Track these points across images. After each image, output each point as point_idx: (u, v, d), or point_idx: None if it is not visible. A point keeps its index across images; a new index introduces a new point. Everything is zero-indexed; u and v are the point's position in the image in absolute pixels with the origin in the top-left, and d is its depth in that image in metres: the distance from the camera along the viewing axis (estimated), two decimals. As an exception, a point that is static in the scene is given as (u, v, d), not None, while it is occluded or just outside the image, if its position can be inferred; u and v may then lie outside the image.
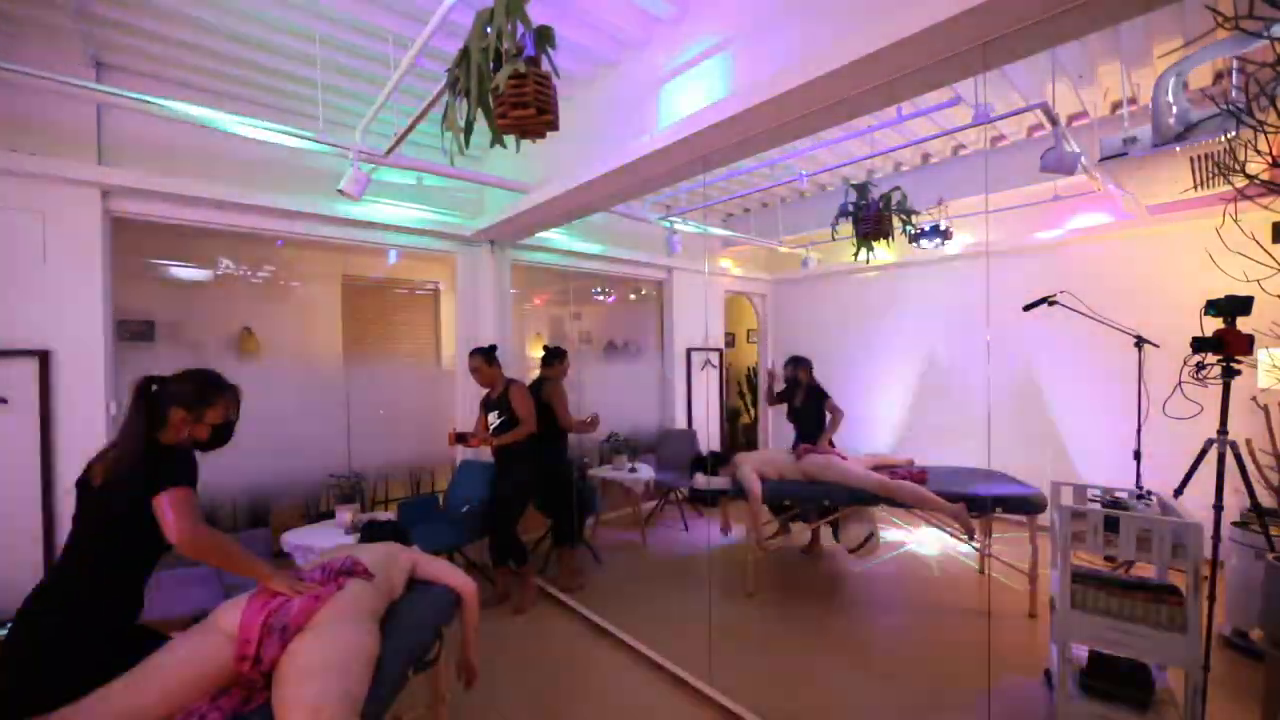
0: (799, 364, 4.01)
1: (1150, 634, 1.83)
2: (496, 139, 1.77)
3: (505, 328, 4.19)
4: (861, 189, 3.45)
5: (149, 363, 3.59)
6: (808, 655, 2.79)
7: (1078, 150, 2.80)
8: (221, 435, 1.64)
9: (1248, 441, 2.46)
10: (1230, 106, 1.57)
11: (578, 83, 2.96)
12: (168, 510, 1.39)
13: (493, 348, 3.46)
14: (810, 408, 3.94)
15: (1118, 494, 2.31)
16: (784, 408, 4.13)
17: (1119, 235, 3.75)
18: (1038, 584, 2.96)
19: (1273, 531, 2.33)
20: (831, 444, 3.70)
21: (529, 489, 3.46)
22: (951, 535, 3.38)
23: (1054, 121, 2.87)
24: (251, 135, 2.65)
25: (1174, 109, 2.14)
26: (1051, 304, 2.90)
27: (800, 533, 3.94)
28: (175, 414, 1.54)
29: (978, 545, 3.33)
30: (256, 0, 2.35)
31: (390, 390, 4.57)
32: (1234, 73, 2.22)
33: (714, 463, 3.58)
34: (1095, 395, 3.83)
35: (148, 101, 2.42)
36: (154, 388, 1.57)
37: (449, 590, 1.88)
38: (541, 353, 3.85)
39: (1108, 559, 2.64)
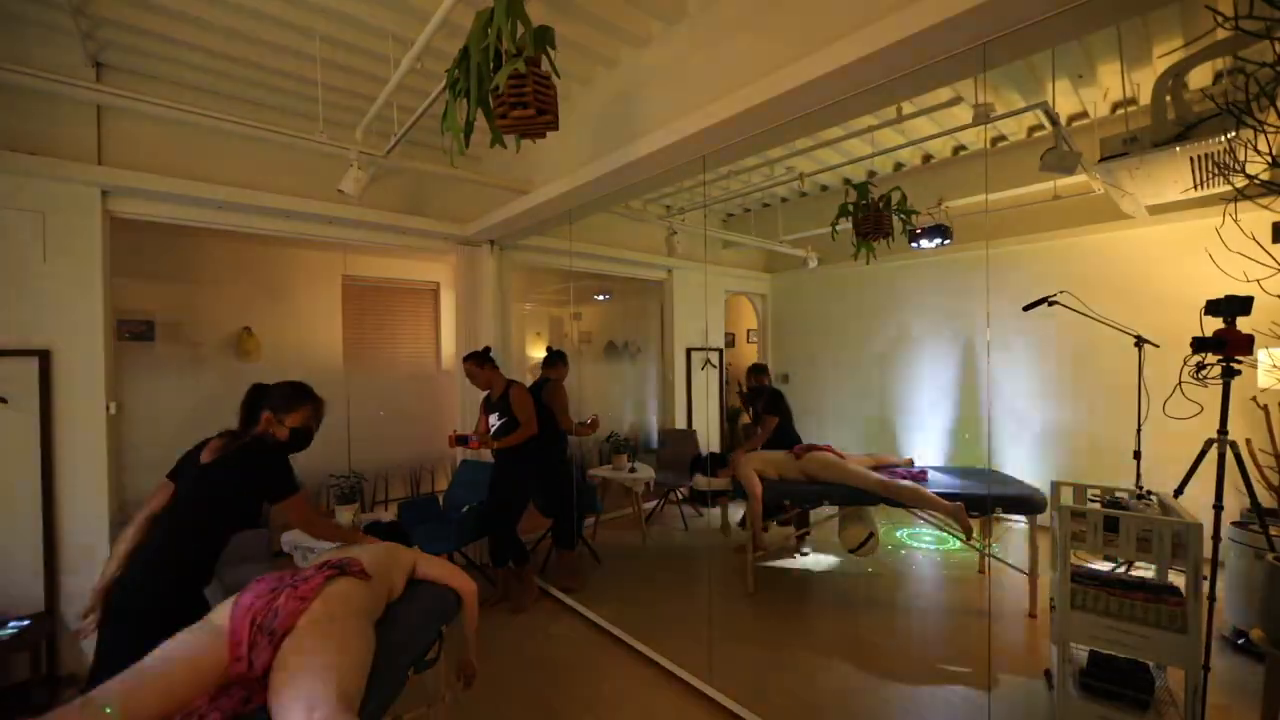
0: (763, 371, 4.22)
1: (1150, 634, 1.83)
2: (496, 139, 1.77)
3: (505, 328, 4.19)
4: (861, 189, 3.44)
5: (149, 363, 3.62)
6: (807, 654, 2.79)
7: (1078, 150, 2.80)
8: (302, 436, 1.89)
9: (1248, 441, 2.46)
10: (1230, 106, 1.57)
11: (578, 82, 2.96)
12: (294, 515, 1.81)
13: (486, 350, 3.46)
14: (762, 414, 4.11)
15: (1118, 494, 2.31)
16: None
17: (1119, 235, 3.75)
18: (1038, 584, 2.96)
19: (1273, 531, 2.32)
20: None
21: (529, 490, 3.46)
22: (951, 535, 3.38)
23: (1054, 121, 2.87)
24: (251, 135, 2.65)
25: (1174, 109, 2.14)
26: (1051, 304, 2.89)
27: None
28: (264, 414, 1.84)
29: (977, 545, 3.33)
30: None
31: (390, 390, 4.58)
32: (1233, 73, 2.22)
33: (714, 463, 3.58)
34: (1095, 395, 3.83)
35: (148, 101, 2.43)
36: (261, 391, 1.90)
37: (449, 590, 1.88)
38: (542, 354, 3.86)
39: (1107, 559, 2.64)
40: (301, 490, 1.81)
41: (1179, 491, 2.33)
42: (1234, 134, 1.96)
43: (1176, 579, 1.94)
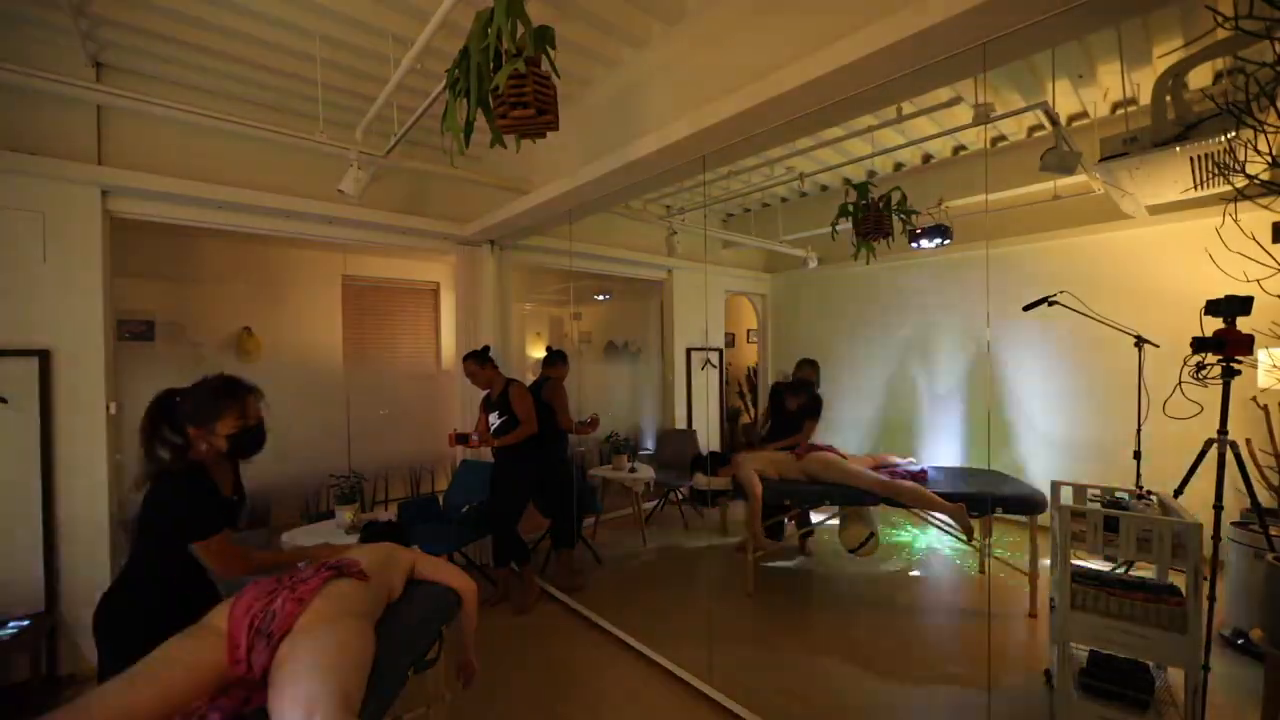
0: (812, 366, 4.03)
1: (1150, 634, 1.83)
2: (496, 139, 1.77)
3: (505, 328, 4.19)
4: (861, 189, 3.44)
5: (149, 363, 3.61)
6: (807, 655, 2.79)
7: (1078, 150, 2.80)
8: (246, 440, 1.64)
9: (1248, 441, 2.46)
10: (1230, 106, 1.57)
11: (577, 82, 2.96)
12: (208, 560, 1.59)
13: (485, 349, 3.47)
14: (800, 415, 3.94)
15: (1118, 494, 2.31)
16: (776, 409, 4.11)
17: (1119, 235, 3.75)
18: (1038, 584, 2.96)
19: (1273, 531, 2.33)
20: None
21: (529, 489, 3.46)
22: (951, 535, 3.38)
23: (1054, 121, 2.87)
24: (251, 135, 2.65)
25: (1174, 109, 2.14)
26: (1051, 304, 2.90)
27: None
28: (191, 431, 1.59)
29: (977, 545, 3.33)
30: None
31: (390, 390, 4.59)
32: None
33: (714, 463, 3.58)
34: (1095, 395, 3.83)
35: (148, 101, 2.43)
36: (169, 402, 1.63)
37: (449, 590, 1.88)
38: (543, 353, 3.87)
39: (1107, 559, 2.64)
40: (218, 534, 1.58)
41: (1179, 491, 2.33)
42: (1234, 134, 1.96)
43: (1177, 579, 1.94)
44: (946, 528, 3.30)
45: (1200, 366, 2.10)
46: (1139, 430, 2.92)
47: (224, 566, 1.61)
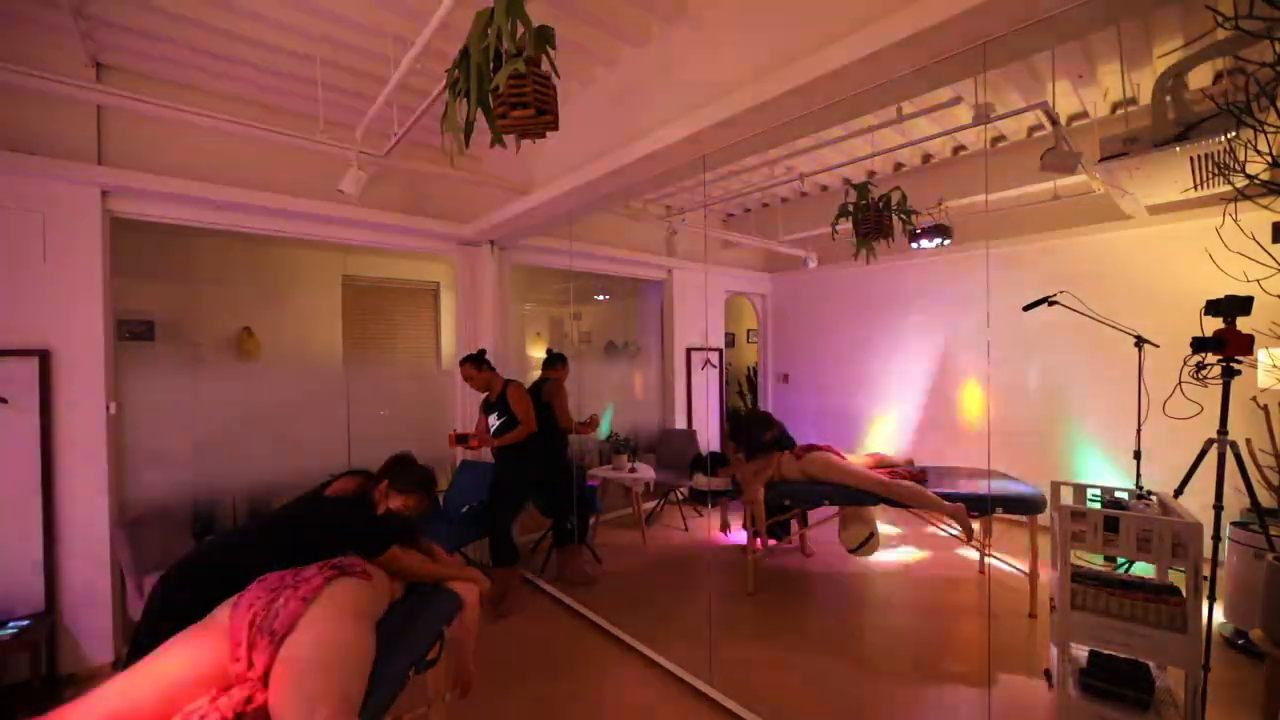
0: (767, 424, 3.70)
1: (1150, 634, 1.83)
2: (496, 139, 1.77)
3: (505, 328, 4.19)
4: (861, 189, 3.44)
5: (149, 363, 3.61)
6: (808, 655, 2.79)
7: (1078, 150, 2.80)
8: (390, 522, 1.91)
9: (1248, 441, 2.45)
10: (1230, 106, 1.57)
11: (577, 82, 2.96)
12: (390, 563, 1.81)
13: (481, 352, 3.46)
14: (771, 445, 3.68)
15: (1118, 494, 2.31)
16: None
17: (1119, 235, 3.75)
18: (1038, 584, 2.96)
19: (1273, 531, 2.33)
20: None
21: (529, 489, 3.46)
22: (951, 535, 3.37)
23: (1054, 121, 2.87)
24: (251, 135, 2.65)
25: (1174, 109, 2.14)
26: (1051, 304, 2.90)
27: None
28: (385, 482, 1.95)
29: (977, 545, 3.33)
30: (257, 0, 2.35)
31: (390, 390, 4.58)
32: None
33: (714, 463, 3.58)
34: (1095, 395, 3.83)
35: (148, 101, 2.42)
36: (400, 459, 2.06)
37: (451, 592, 1.88)
38: (543, 354, 3.87)
39: (1107, 559, 2.64)
40: (394, 544, 1.83)
41: (1179, 491, 2.33)
42: (1234, 134, 1.96)
43: (1176, 579, 1.94)
44: (947, 528, 3.30)
45: (1200, 366, 2.10)
46: (1139, 430, 2.92)
47: (393, 562, 1.82)
